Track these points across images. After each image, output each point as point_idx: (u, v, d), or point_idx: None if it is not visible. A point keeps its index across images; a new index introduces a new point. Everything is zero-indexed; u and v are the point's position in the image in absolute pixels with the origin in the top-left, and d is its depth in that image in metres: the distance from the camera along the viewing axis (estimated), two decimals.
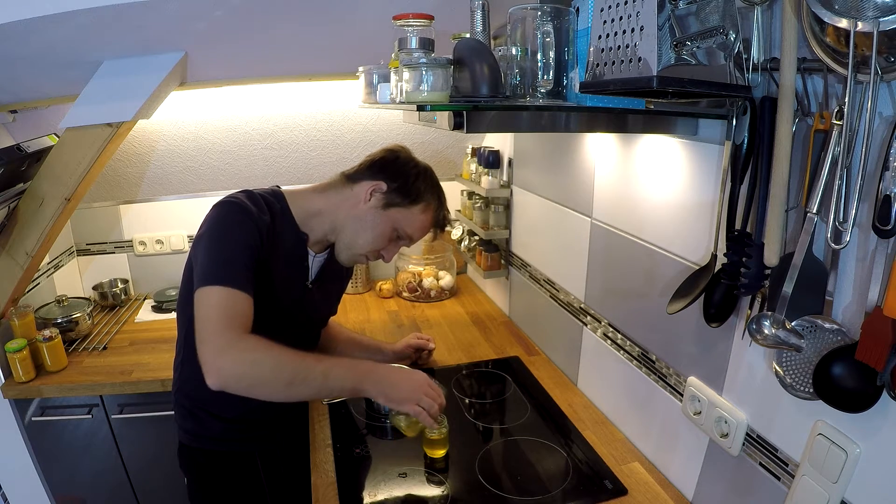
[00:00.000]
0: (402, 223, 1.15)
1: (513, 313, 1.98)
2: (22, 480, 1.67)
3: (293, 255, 1.15)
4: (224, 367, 0.88)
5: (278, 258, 1.09)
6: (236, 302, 0.93)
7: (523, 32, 0.86)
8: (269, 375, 0.91)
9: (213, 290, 0.93)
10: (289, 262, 1.14)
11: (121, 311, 2.03)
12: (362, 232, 1.15)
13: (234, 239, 1.00)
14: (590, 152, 1.36)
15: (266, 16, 1.23)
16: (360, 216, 1.14)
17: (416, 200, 1.15)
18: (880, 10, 0.57)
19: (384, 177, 1.14)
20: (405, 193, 1.14)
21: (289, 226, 1.13)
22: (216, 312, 0.91)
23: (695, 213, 1.01)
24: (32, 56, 1.26)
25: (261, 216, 1.05)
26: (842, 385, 0.69)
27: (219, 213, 1.03)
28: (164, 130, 1.90)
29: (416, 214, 1.16)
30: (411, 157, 1.20)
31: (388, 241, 1.17)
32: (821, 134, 0.70)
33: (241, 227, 1.01)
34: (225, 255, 0.97)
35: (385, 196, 1.14)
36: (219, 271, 0.95)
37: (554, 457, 1.22)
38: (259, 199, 1.09)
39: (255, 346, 0.91)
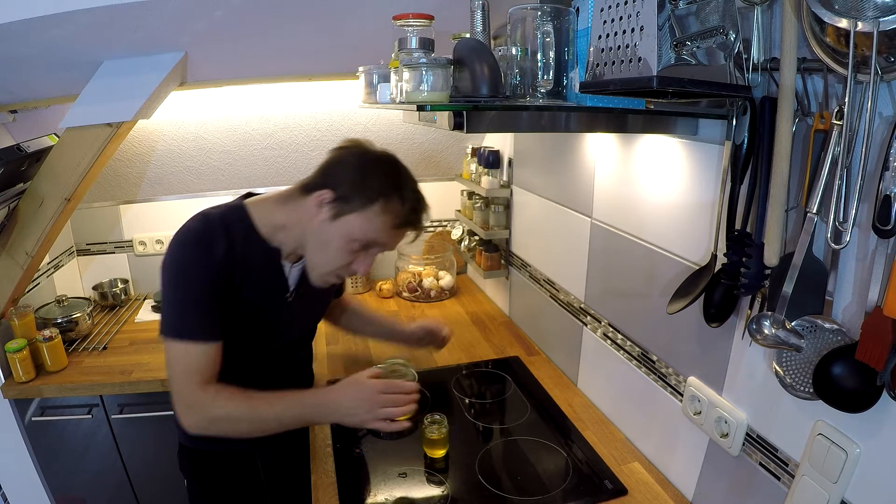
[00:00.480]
0: (358, 231, 0.99)
1: (513, 313, 1.98)
2: (22, 480, 1.67)
3: (266, 271, 1.06)
4: (190, 425, 0.97)
5: (249, 279, 1.03)
6: (196, 356, 0.96)
7: (523, 32, 0.86)
8: (230, 429, 0.99)
9: (173, 345, 0.96)
10: (262, 280, 1.06)
11: (121, 311, 2.03)
12: (321, 250, 1.02)
13: (189, 281, 0.96)
14: (590, 152, 1.36)
15: (266, 16, 1.23)
16: (314, 232, 1.01)
17: (370, 201, 0.98)
18: (880, 10, 0.57)
19: (329, 183, 1.00)
20: (354, 197, 0.98)
21: (256, 244, 1.04)
22: (179, 369, 0.96)
23: (695, 213, 1.01)
24: (32, 56, 1.26)
25: (215, 248, 0.98)
26: (842, 385, 0.69)
27: (173, 253, 0.97)
28: (164, 130, 1.90)
29: (372, 218, 0.98)
30: (362, 153, 1.02)
31: (351, 253, 1.02)
32: (821, 134, 0.70)
33: (196, 268, 0.96)
34: (182, 303, 0.96)
35: (333, 205, 0.99)
36: (177, 323, 0.96)
37: (554, 457, 1.22)
38: (217, 224, 1.00)
39: (212, 403, 0.96)
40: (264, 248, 1.05)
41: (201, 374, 0.96)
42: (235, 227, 1.02)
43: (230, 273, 0.99)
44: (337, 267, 1.04)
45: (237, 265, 1.00)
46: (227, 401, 0.96)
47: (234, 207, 1.06)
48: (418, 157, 2.18)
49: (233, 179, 2.08)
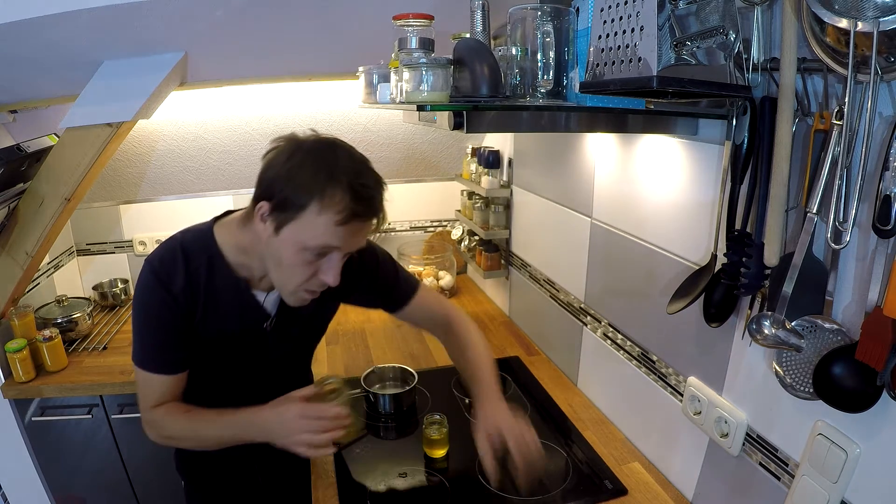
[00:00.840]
0: (303, 239, 0.86)
1: (513, 313, 1.98)
2: (22, 480, 1.67)
3: (234, 303, 0.99)
4: (151, 437, 1.01)
5: (214, 313, 0.98)
6: (153, 384, 0.99)
7: (523, 32, 0.86)
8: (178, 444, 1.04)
9: (136, 369, 0.99)
10: (230, 313, 1.00)
11: (121, 311, 2.03)
12: (276, 268, 0.92)
13: (147, 317, 0.96)
14: (590, 152, 1.36)
15: (266, 16, 1.23)
16: (267, 250, 0.91)
17: (304, 204, 0.84)
18: (880, 10, 0.57)
19: (264, 193, 0.87)
20: (285, 205, 0.85)
21: (222, 275, 0.97)
22: (139, 391, 1.01)
23: (695, 213, 1.01)
24: (32, 56, 1.26)
25: (174, 283, 0.94)
26: (842, 385, 0.69)
27: (138, 283, 0.96)
28: (164, 130, 1.90)
29: (312, 220, 0.85)
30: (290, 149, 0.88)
31: (308, 265, 0.89)
32: (821, 134, 0.70)
33: (153, 305, 0.94)
34: (142, 336, 0.97)
35: (272, 217, 0.87)
36: (138, 352, 0.98)
37: (554, 457, 1.22)
38: (179, 255, 0.95)
39: (161, 422, 0.99)
40: (232, 280, 0.98)
41: (157, 399, 0.99)
42: (199, 259, 0.96)
43: (190, 309, 0.96)
44: (301, 282, 0.92)
45: (199, 300, 0.96)
46: (173, 421, 0.98)
47: (202, 234, 0.99)
48: (419, 157, 2.18)
49: (233, 179, 2.08)
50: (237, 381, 1.09)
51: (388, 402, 1.38)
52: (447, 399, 1.45)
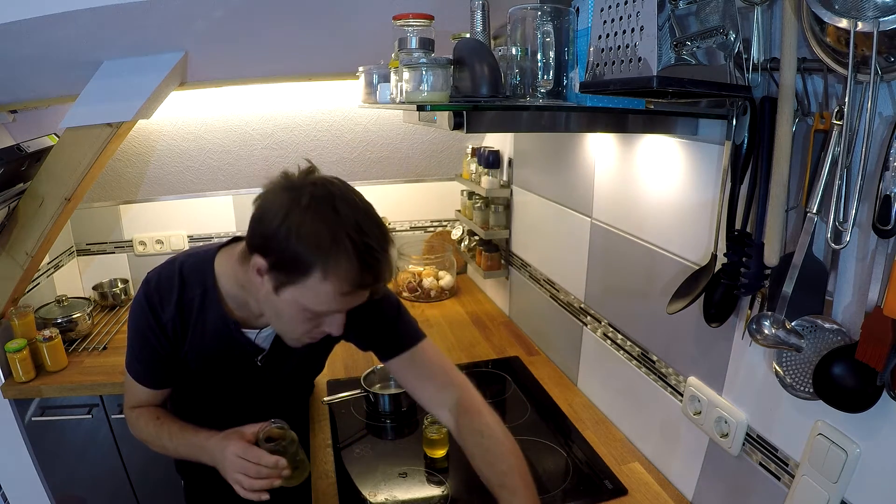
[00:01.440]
0: (306, 303, 0.81)
1: (513, 313, 1.98)
2: (22, 480, 1.67)
3: (223, 342, 0.96)
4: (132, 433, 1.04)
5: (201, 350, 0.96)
6: (137, 391, 1.02)
7: (523, 32, 0.86)
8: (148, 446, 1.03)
9: (125, 370, 1.02)
10: (218, 350, 0.97)
11: (121, 311, 2.03)
12: (277, 320, 0.88)
13: (136, 335, 0.98)
14: (590, 152, 1.36)
15: (266, 16, 1.23)
16: (264, 301, 0.86)
17: (305, 272, 0.77)
18: (880, 10, 0.57)
19: (262, 248, 0.80)
20: (285, 267, 0.79)
21: (214, 313, 0.94)
22: (125, 388, 1.04)
23: (695, 213, 1.01)
24: (32, 56, 1.26)
25: (162, 314, 0.93)
26: (842, 385, 0.69)
27: (134, 300, 0.98)
28: (164, 130, 1.90)
29: (315, 287, 0.78)
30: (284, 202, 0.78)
31: (308, 322, 0.85)
32: (821, 134, 0.70)
33: (142, 328, 0.95)
34: (131, 348, 1.00)
35: (271, 276, 0.81)
36: (128, 358, 1.00)
37: (554, 457, 1.22)
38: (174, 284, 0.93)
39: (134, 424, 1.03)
40: (223, 320, 0.94)
41: (135, 403, 1.03)
42: (193, 291, 0.93)
43: (177, 339, 0.96)
44: (302, 334, 0.88)
45: (187, 332, 0.95)
46: (144, 424, 1.01)
47: (203, 262, 0.95)
48: (419, 157, 2.18)
49: (233, 179, 2.08)
50: (228, 405, 1.10)
51: (388, 402, 1.38)
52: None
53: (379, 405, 1.38)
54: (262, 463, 0.86)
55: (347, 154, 2.08)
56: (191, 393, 1.08)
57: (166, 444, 0.99)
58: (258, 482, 0.86)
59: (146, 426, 1.01)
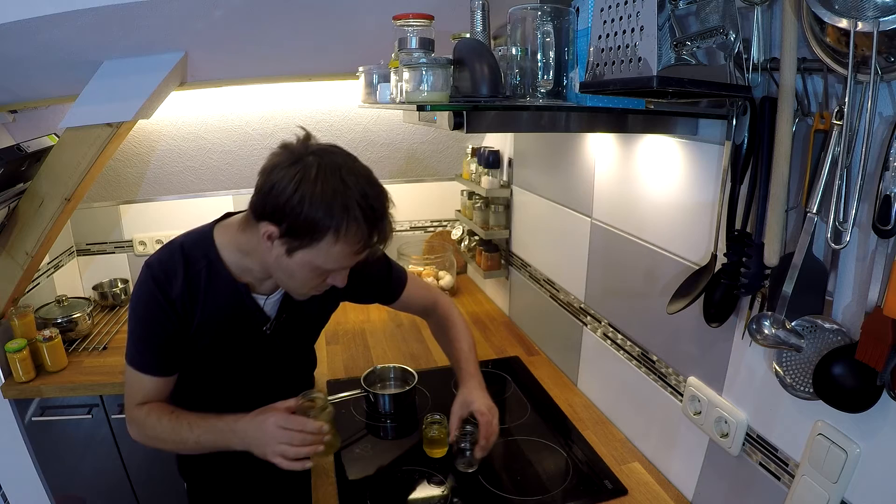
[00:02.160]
0: (317, 263, 0.89)
1: (513, 313, 1.98)
2: (22, 480, 1.67)
3: (233, 309, 1.00)
4: (135, 439, 1.00)
5: (212, 320, 0.98)
6: (142, 383, 0.99)
7: (523, 32, 0.86)
8: (159, 445, 1.00)
9: (127, 367, 0.99)
10: (229, 319, 1.00)
11: (121, 311, 2.03)
12: (286, 278, 0.94)
13: (141, 319, 0.96)
14: (590, 152, 1.36)
15: (266, 16, 1.23)
16: (274, 264, 0.92)
17: (316, 236, 0.84)
18: (880, 10, 0.57)
19: (272, 215, 0.86)
20: (298, 233, 0.85)
21: (221, 281, 0.98)
22: (126, 388, 1.01)
23: (695, 213, 1.01)
24: (32, 56, 1.26)
25: (171, 288, 0.94)
26: (842, 385, 0.69)
27: (136, 286, 0.97)
28: (164, 130, 1.90)
29: (327, 251, 0.86)
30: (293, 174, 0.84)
31: (319, 278, 0.93)
32: (821, 134, 0.70)
33: (148, 308, 0.95)
34: (135, 335, 0.97)
35: (283, 241, 0.87)
36: (130, 350, 0.98)
37: (554, 457, 1.22)
38: (178, 260, 0.96)
39: (143, 421, 0.98)
40: (231, 286, 0.98)
41: (143, 398, 0.99)
42: (198, 265, 0.96)
43: (187, 315, 0.97)
44: (311, 288, 0.96)
45: (197, 306, 0.97)
46: (155, 421, 0.97)
47: (202, 237, 0.99)
48: (419, 157, 2.18)
49: (233, 179, 2.08)
50: (236, 384, 1.10)
51: (388, 402, 1.38)
52: (447, 399, 1.45)
53: (379, 405, 1.38)
54: (306, 430, 0.92)
55: None
56: (196, 377, 1.06)
57: (186, 436, 0.95)
58: (304, 449, 0.91)
59: (160, 421, 0.96)
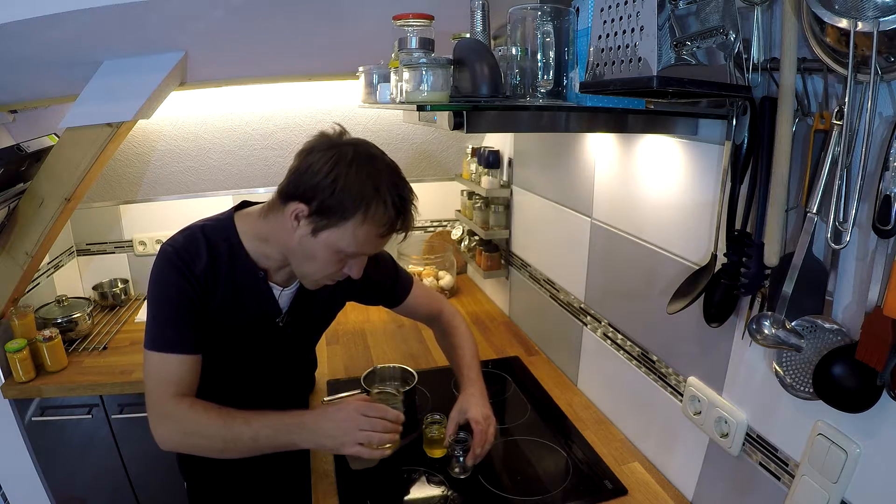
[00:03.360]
0: (341, 245, 0.92)
1: (513, 313, 1.98)
2: (22, 480, 1.67)
3: (252, 295, 1.02)
4: (162, 438, 0.92)
5: (232, 303, 0.99)
6: (172, 366, 0.93)
7: (523, 32, 0.86)
8: (202, 444, 0.93)
9: (150, 356, 0.93)
10: (247, 304, 1.02)
11: (121, 311, 2.03)
12: (305, 262, 0.97)
13: (167, 297, 0.94)
14: (590, 152, 1.36)
15: (266, 16, 1.23)
16: (296, 246, 0.94)
17: (346, 215, 0.89)
18: (880, 10, 0.57)
19: (303, 195, 0.91)
20: (327, 212, 0.90)
21: (242, 266, 0.99)
22: (152, 380, 0.93)
23: (695, 213, 1.01)
24: (32, 56, 1.26)
25: (195, 265, 0.95)
26: (842, 385, 0.69)
27: (155, 265, 0.97)
28: (164, 130, 1.90)
29: (354, 230, 0.90)
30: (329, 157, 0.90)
31: (338, 263, 0.96)
32: (821, 134, 0.70)
33: (171, 282, 0.94)
34: (159, 315, 0.94)
35: (310, 220, 0.91)
36: (154, 335, 0.94)
37: (554, 457, 1.22)
38: (200, 241, 0.97)
39: (185, 416, 0.91)
40: (252, 272, 1.00)
41: (177, 386, 0.93)
42: (220, 247, 0.98)
43: (210, 293, 0.96)
44: (327, 274, 0.99)
45: (219, 285, 0.97)
46: (201, 415, 0.92)
47: (222, 222, 1.01)
48: (418, 157, 2.18)
49: (233, 179, 2.08)
50: (242, 378, 1.09)
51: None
52: (447, 399, 1.45)
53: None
54: (387, 417, 0.96)
55: None
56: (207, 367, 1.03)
57: (240, 432, 0.91)
58: (387, 436, 0.94)
59: (207, 415, 0.91)
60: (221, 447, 0.92)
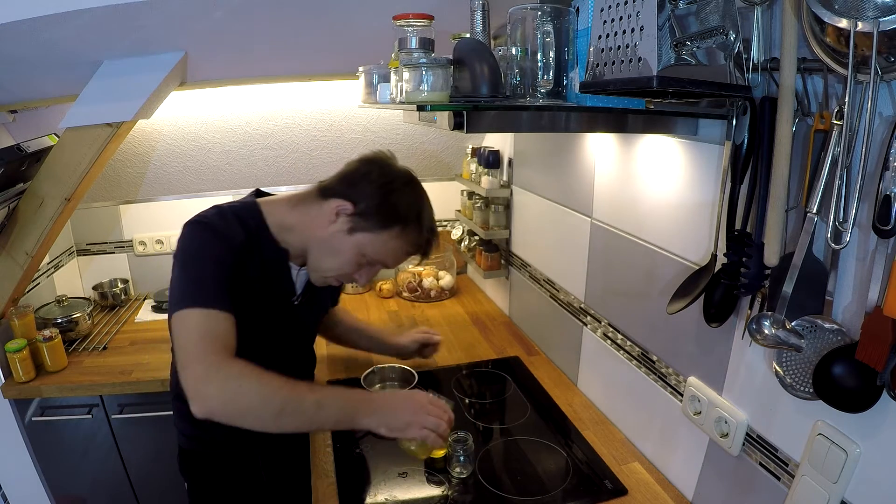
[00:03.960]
0: (369, 249, 1.02)
1: (513, 313, 1.98)
2: (22, 480, 1.67)
3: (274, 271, 1.07)
4: (210, 395, 0.82)
5: (257, 276, 1.02)
6: (216, 323, 0.88)
7: (523, 32, 0.86)
8: (258, 403, 0.85)
9: (189, 313, 0.87)
10: (270, 280, 1.06)
11: (121, 311, 2.03)
12: (328, 256, 1.04)
13: (205, 257, 0.93)
14: (590, 152, 1.36)
15: (266, 16, 1.23)
16: (326, 239, 1.02)
17: (387, 225, 1.00)
18: (880, 10, 0.57)
19: (352, 195, 1.01)
20: (373, 217, 1.00)
21: (267, 242, 1.04)
22: (196, 336, 0.86)
23: (695, 213, 1.01)
24: (32, 56, 1.26)
25: (232, 235, 0.98)
26: (842, 385, 0.69)
27: (187, 234, 0.96)
28: (164, 130, 1.90)
29: (385, 241, 1.01)
30: (387, 172, 1.03)
31: (356, 266, 1.05)
32: (821, 134, 0.70)
33: (210, 246, 0.95)
34: (197, 274, 0.92)
35: (351, 219, 1.00)
36: (194, 292, 0.90)
37: (554, 457, 1.22)
38: (230, 216, 1.00)
39: (241, 371, 0.85)
40: (274, 248, 1.06)
41: (224, 342, 0.87)
42: (248, 224, 1.02)
43: (245, 261, 0.99)
44: (338, 275, 1.07)
45: (247, 257, 1.00)
46: (260, 373, 0.85)
47: (248, 204, 1.07)
48: (418, 157, 2.18)
49: (233, 179, 2.08)
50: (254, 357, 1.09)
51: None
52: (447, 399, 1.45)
53: None
54: (448, 413, 1.03)
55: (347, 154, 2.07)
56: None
57: (305, 396, 0.88)
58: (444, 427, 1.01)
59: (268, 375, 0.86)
60: (279, 409, 0.85)
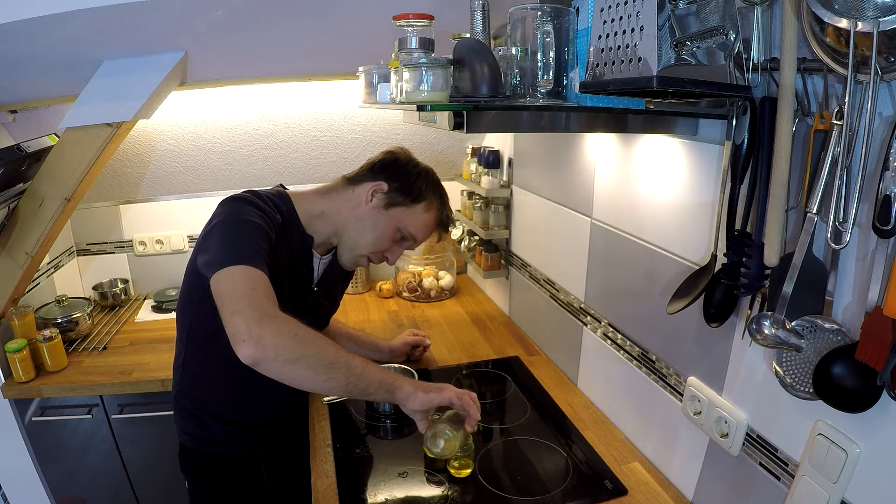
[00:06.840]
0: (405, 222, 1.17)
1: (513, 313, 1.98)
2: (22, 480, 1.67)
3: (299, 257, 1.15)
4: (264, 336, 0.80)
5: (285, 260, 1.09)
6: (264, 280, 0.88)
7: (523, 32, 0.86)
8: (313, 351, 0.85)
9: (238, 269, 0.87)
10: (295, 265, 1.14)
11: (121, 311, 2.03)
12: (364, 233, 1.16)
13: (250, 224, 0.98)
14: (590, 152, 1.36)
15: (266, 16, 1.23)
16: (362, 217, 1.15)
17: (419, 199, 1.17)
18: (880, 10, 0.57)
19: (385, 177, 1.16)
20: (407, 192, 1.16)
21: (295, 228, 1.13)
22: (247, 286, 0.85)
23: (695, 213, 1.01)
24: (32, 56, 1.26)
25: (272, 215, 1.06)
26: (842, 385, 0.69)
27: (231, 204, 1.03)
28: (164, 130, 1.90)
29: (419, 213, 1.17)
30: (411, 158, 1.22)
31: (391, 241, 1.19)
32: (821, 134, 0.70)
33: (255, 216, 1.01)
34: (243, 237, 0.93)
35: (387, 196, 1.15)
36: (240, 251, 0.90)
37: (554, 457, 1.22)
38: (267, 199, 1.09)
39: (295, 321, 0.86)
40: (301, 235, 1.14)
41: (272, 297, 0.87)
42: (281, 208, 1.11)
43: (279, 244, 1.04)
44: (374, 251, 1.18)
45: (285, 241, 1.07)
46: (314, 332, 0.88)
47: (279, 193, 1.15)
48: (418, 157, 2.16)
49: (233, 179, 2.08)
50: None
51: (387, 402, 1.37)
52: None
53: (379, 405, 1.38)
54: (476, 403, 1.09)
55: (348, 154, 2.08)
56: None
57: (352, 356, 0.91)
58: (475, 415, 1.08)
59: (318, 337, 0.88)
60: (331, 360, 0.86)
